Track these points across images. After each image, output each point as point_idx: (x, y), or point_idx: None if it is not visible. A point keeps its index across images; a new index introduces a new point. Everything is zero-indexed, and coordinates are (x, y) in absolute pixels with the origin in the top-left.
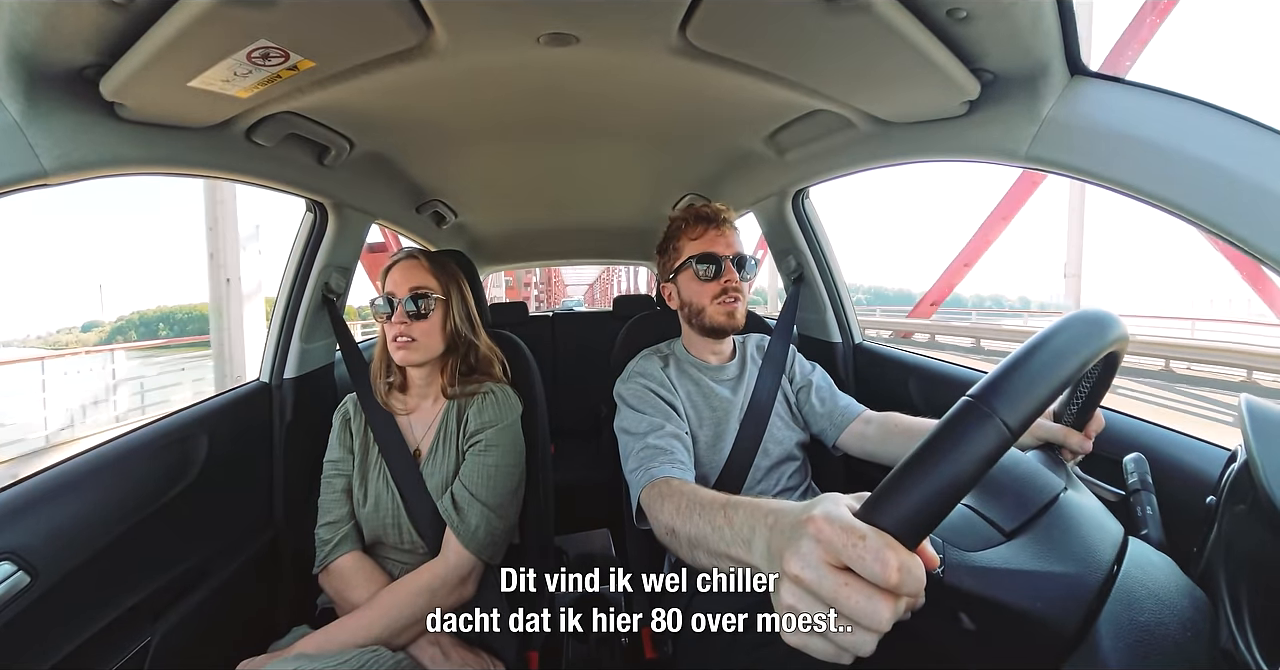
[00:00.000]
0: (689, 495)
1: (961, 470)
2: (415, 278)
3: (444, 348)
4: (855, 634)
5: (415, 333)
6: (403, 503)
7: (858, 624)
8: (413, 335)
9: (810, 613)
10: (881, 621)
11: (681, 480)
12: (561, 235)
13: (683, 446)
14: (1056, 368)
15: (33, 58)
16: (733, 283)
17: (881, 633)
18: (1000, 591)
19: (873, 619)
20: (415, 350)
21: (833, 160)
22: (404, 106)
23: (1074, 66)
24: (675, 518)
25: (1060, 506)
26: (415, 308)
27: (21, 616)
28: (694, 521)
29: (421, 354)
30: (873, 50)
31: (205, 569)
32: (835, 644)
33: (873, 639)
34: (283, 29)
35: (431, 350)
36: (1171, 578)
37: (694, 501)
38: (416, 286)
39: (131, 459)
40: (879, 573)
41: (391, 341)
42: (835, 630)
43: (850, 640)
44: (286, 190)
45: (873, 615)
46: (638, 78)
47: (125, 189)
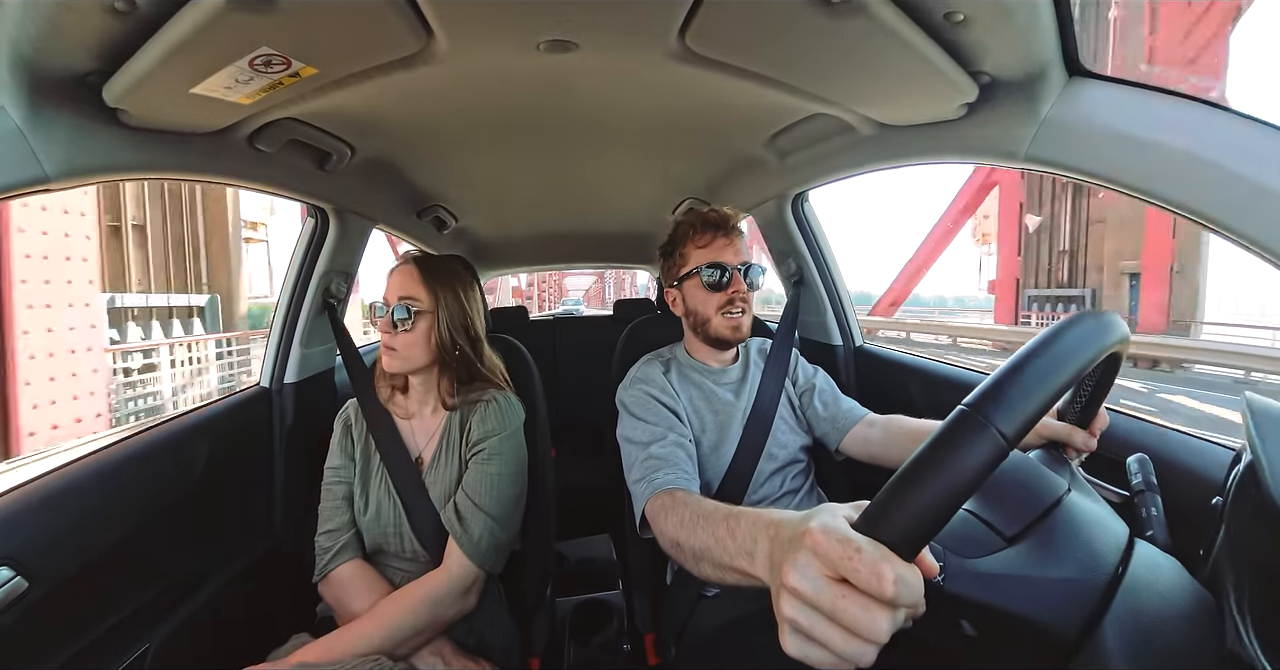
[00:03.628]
0: (693, 507)
1: (957, 481)
2: (405, 286)
3: (430, 359)
4: (854, 644)
5: (397, 343)
6: (405, 511)
7: (856, 635)
8: (394, 345)
9: (809, 624)
10: (879, 633)
11: (685, 492)
12: (562, 240)
13: (685, 455)
14: (1054, 373)
15: (36, 64)
16: (740, 293)
17: (880, 644)
18: (1002, 598)
19: (871, 630)
20: (396, 359)
21: (832, 163)
22: (405, 112)
23: (1072, 67)
24: (680, 531)
25: (1063, 509)
26: (396, 318)
27: (19, 622)
28: (698, 535)
29: (402, 364)
30: (871, 54)
31: (204, 575)
32: (835, 654)
33: (872, 650)
34: (285, 36)
35: (414, 361)
36: (1177, 580)
37: (698, 514)
38: (403, 296)
39: (131, 464)
40: (875, 585)
41: (384, 348)
42: (835, 641)
43: (849, 651)
44: (288, 195)
45: (871, 627)
46: (637, 83)
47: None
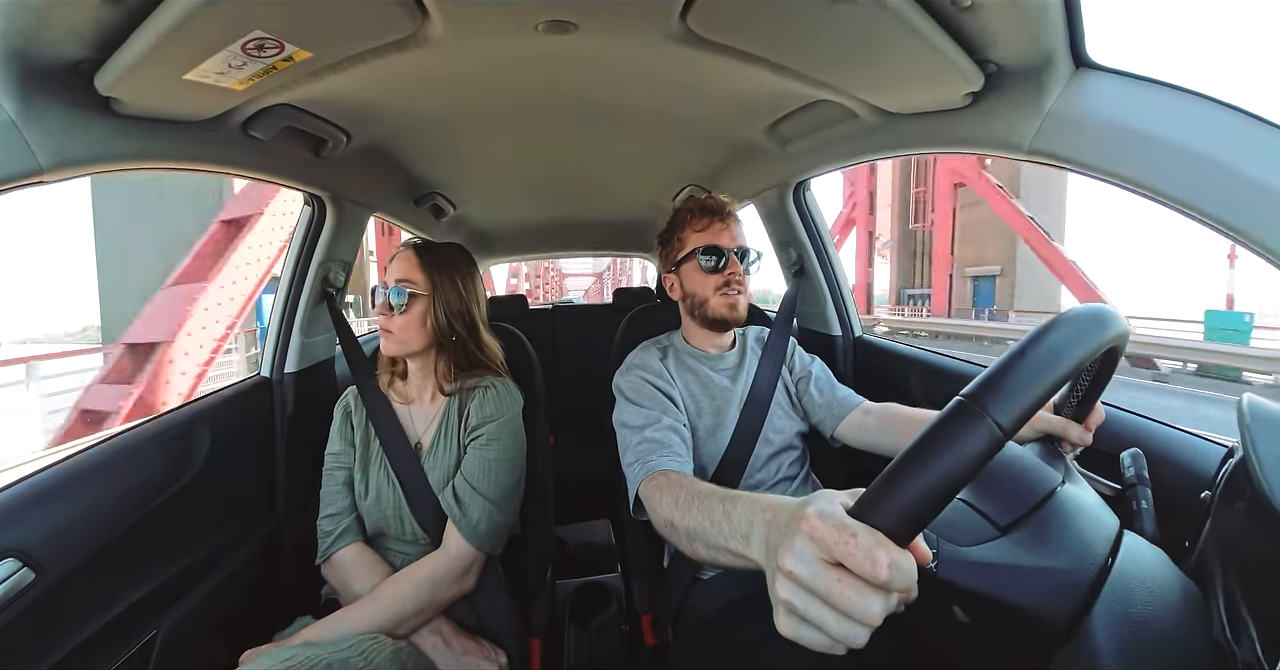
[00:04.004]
0: (687, 488)
1: (953, 470)
2: (402, 270)
3: (426, 343)
4: (848, 626)
5: (393, 326)
6: (404, 495)
7: (850, 618)
8: (390, 328)
9: (804, 606)
10: (873, 615)
11: (679, 473)
12: (561, 227)
13: (680, 439)
14: (1051, 367)
15: (26, 53)
16: (736, 275)
17: (873, 626)
18: (993, 586)
19: (864, 613)
20: (392, 342)
21: (834, 151)
22: (401, 97)
23: (1079, 59)
24: (674, 511)
25: (1056, 500)
26: (393, 301)
27: (27, 613)
28: (693, 515)
29: (398, 347)
30: (876, 39)
31: (209, 562)
32: (829, 636)
33: (865, 632)
34: (277, 19)
35: (409, 344)
36: (1164, 571)
37: (692, 494)
38: (399, 279)
39: (133, 455)
40: (870, 569)
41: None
42: (829, 623)
43: (843, 632)
44: (284, 183)
45: (864, 610)
46: (638, 66)
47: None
